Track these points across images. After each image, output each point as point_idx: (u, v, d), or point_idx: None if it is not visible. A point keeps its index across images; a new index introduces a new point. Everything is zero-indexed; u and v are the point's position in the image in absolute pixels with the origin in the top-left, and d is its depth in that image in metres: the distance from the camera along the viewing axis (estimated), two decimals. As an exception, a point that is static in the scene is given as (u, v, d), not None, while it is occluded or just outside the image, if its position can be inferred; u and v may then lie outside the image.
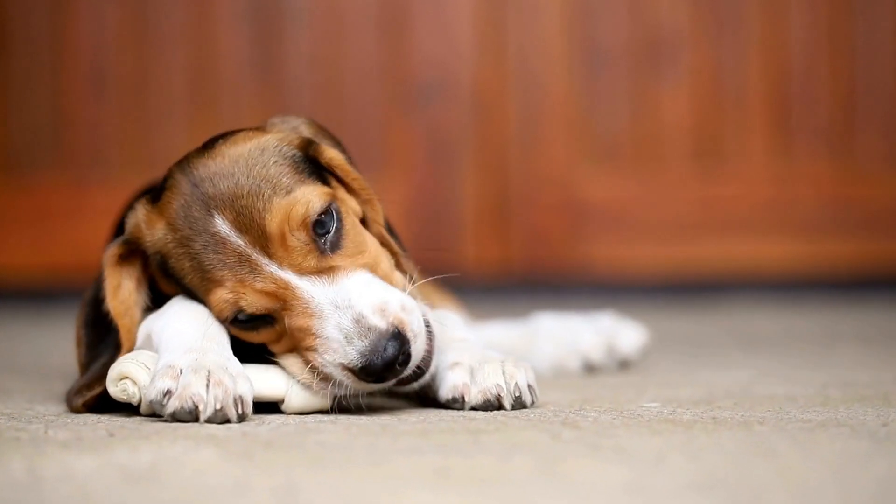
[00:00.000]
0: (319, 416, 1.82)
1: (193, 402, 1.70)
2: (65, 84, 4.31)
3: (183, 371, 1.73)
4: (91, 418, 1.83)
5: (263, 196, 1.79)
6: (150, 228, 1.86)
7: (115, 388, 1.81)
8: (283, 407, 1.83)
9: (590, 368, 2.50)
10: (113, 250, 1.89)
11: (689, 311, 4.07)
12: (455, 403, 1.85)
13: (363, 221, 1.92)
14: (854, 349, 2.94)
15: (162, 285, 1.90)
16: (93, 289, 1.94)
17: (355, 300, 1.76)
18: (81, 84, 4.31)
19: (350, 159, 1.95)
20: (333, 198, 1.84)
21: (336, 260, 1.81)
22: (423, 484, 1.37)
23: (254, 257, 1.78)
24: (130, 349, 1.89)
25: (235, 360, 1.79)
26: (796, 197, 4.31)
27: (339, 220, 1.82)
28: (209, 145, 1.88)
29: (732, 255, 4.28)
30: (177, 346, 1.78)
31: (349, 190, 1.91)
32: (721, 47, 4.32)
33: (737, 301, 4.21)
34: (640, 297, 4.18)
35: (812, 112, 4.32)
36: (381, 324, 1.75)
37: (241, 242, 1.78)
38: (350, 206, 1.89)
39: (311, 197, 1.80)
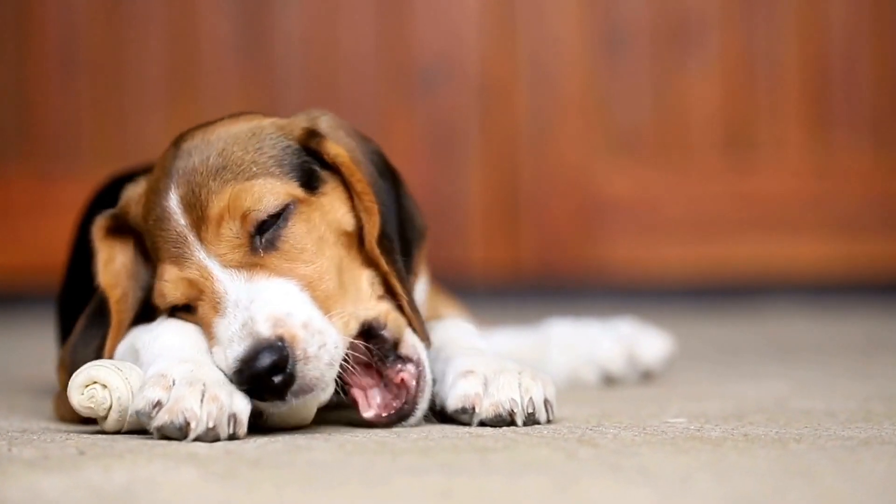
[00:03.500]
0: (310, 433, 1.82)
1: (185, 417, 1.70)
2: (30, 68, 4.31)
3: (176, 382, 1.73)
4: (59, 435, 1.83)
5: (222, 178, 1.82)
6: (138, 205, 1.91)
7: (81, 396, 1.80)
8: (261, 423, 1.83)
9: (608, 380, 2.50)
10: (100, 222, 1.94)
11: (718, 317, 4.06)
12: (463, 415, 1.84)
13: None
14: (900, 359, 2.95)
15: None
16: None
17: (255, 304, 1.77)
18: (49, 68, 4.31)
19: (372, 160, 1.93)
20: (298, 200, 1.83)
21: (266, 260, 1.81)
22: (425, 507, 1.37)
23: (189, 239, 1.82)
24: (121, 322, 1.90)
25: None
26: (836, 192, 4.30)
27: (287, 220, 1.82)
28: (217, 119, 1.92)
29: (766, 256, 4.28)
30: (169, 357, 1.78)
31: (355, 193, 1.90)
32: (753, 27, 4.32)
33: (771, 306, 4.21)
34: (663, 302, 4.18)
35: (853, 99, 4.32)
36: (265, 332, 1.74)
37: (182, 221, 1.82)
38: (331, 218, 1.87)
39: (265, 191, 1.81)
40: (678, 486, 1.44)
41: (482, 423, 1.84)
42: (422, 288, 2.05)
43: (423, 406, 1.85)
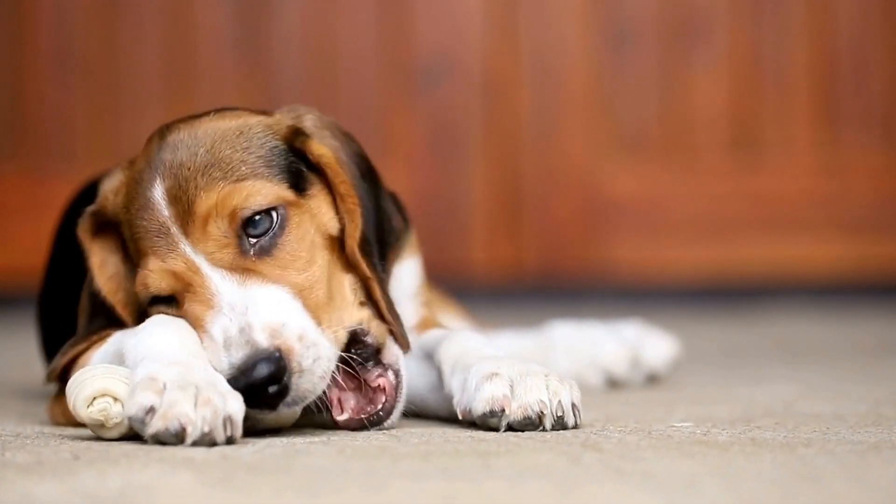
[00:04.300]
0: (309, 437, 1.82)
1: (180, 423, 1.70)
2: (24, 63, 4.31)
3: (167, 386, 1.72)
4: (53, 439, 1.83)
5: (210, 175, 1.84)
6: (116, 195, 1.93)
7: (91, 408, 1.79)
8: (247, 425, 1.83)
9: (613, 383, 2.50)
10: (84, 224, 1.95)
11: (724, 319, 4.06)
12: (491, 418, 1.83)
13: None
14: (911, 362, 2.95)
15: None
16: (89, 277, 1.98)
17: (251, 311, 1.79)
18: (43, 65, 4.31)
19: (354, 161, 1.94)
20: (288, 204, 1.84)
21: (259, 266, 1.83)
22: (426, 513, 1.37)
23: (172, 230, 1.83)
24: (134, 325, 1.91)
25: (221, 377, 1.79)
26: (845, 191, 4.30)
27: (282, 227, 1.84)
28: (203, 114, 1.93)
29: (774, 256, 4.28)
30: (157, 359, 1.77)
31: (338, 195, 1.91)
32: (761, 24, 4.32)
33: (779, 307, 4.21)
34: (669, 304, 4.18)
35: (863, 96, 4.32)
36: (263, 342, 1.76)
37: (166, 213, 1.83)
38: (318, 221, 1.89)
39: (255, 192, 1.83)
40: (684, 492, 1.44)
41: (510, 428, 1.83)
42: (414, 271, 2.06)
43: (397, 413, 1.87)
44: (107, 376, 1.80)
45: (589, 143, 4.33)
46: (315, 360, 1.78)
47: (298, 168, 1.89)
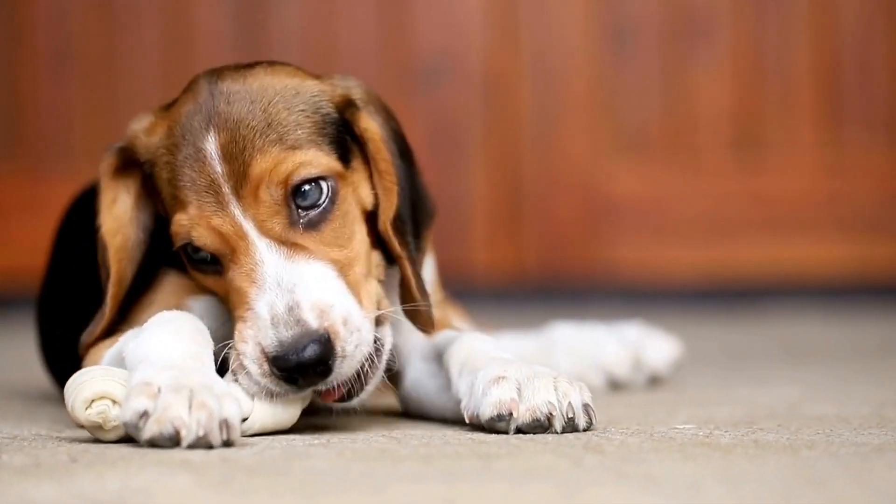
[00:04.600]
0: (308, 439, 1.82)
1: (174, 426, 1.69)
2: (21, 63, 4.31)
3: (162, 390, 1.72)
4: (50, 441, 1.83)
5: (267, 137, 1.83)
6: (149, 135, 1.91)
7: (90, 410, 1.79)
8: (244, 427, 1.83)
9: (614, 385, 2.50)
10: (109, 160, 1.95)
11: (727, 320, 4.06)
12: (499, 422, 1.83)
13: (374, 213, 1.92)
14: (915, 364, 2.95)
15: (156, 203, 1.93)
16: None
17: (300, 288, 1.79)
18: (40, 63, 4.31)
19: (394, 138, 1.94)
20: (337, 176, 1.85)
21: (306, 240, 1.83)
22: (426, 515, 1.37)
23: (224, 190, 1.82)
24: (120, 272, 1.92)
25: (220, 379, 1.79)
26: (849, 191, 4.30)
27: (332, 202, 1.85)
28: (251, 64, 1.92)
29: (777, 257, 4.28)
30: (154, 363, 1.77)
31: (377, 171, 1.91)
32: (764, 22, 4.32)
33: (782, 308, 4.21)
34: (671, 305, 4.18)
35: (867, 95, 4.32)
36: (313, 323, 1.77)
37: (219, 169, 1.82)
38: (358, 196, 1.89)
39: (309, 161, 1.83)
40: (686, 494, 1.44)
41: (519, 431, 1.83)
42: (429, 268, 2.07)
43: (369, 389, 1.85)
44: (106, 379, 1.80)
45: (590, 143, 4.33)
46: (357, 346, 1.80)
47: (345, 138, 1.89)
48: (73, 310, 2.13)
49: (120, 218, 1.94)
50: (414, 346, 2.02)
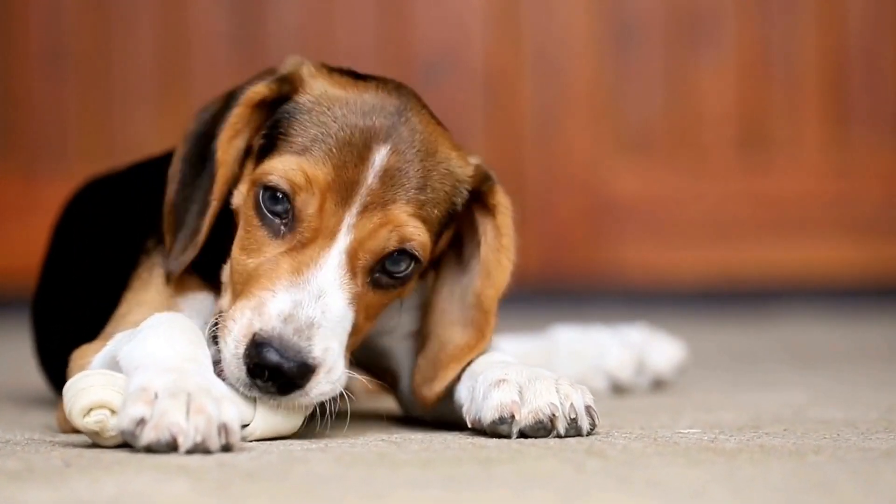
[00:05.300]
0: (307, 444, 1.82)
1: (171, 432, 1.68)
2: (15, 62, 4.31)
3: (159, 395, 1.71)
4: (44, 446, 1.83)
5: (417, 196, 1.83)
6: (315, 79, 1.91)
7: (88, 419, 1.79)
8: (247, 433, 1.83)
9: (617, 389, 2.50)
10: (259, 88, 1.90)
11: (732, 323, 4.06)
12: (501, 426, 1.83)
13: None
14: (923, 367, 2.95)
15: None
16: (199, 122, 1.93)
17: (327, 317, 1.78)
18: (34, 63, 4.31)
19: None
20: (424, 257, 1.85)
21: (361, 288, 1.83)
22: (427, 521, 1.37)
23: (358, 194, 1.80)
24: (220, 200, 1.88)
25: (219, 381, 1.78)
26: (856, 192, 4.30)
27: (403, 284, 1.86)
28: (427, 108, 1.93)
29: (782, 259, 4.28)
30: (150, 367, 1.76)
31: (498, 246, 1.93)
32: (769, 20, 4.32)
33: (787, 311, 4.21)
34: (675, 307, 4.18)
35: (874, 95, 4.32)
36: (316, 350, 1.78)
37: (369, 179, 1.81)
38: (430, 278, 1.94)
39: (424, 244, 1.83)
40: (691, 500, 1.44)
41: (521, 434, 1.83)
42: None
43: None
44: (105, 387, 1.79)
45: (593, 143, 4.33)
46: (320, 394, 1.80)
47: (454, 212, 1.91)
48: (70, 308, 2.13)
49: (231, 154, 1.90)
50: (409, 349, 2.02)
